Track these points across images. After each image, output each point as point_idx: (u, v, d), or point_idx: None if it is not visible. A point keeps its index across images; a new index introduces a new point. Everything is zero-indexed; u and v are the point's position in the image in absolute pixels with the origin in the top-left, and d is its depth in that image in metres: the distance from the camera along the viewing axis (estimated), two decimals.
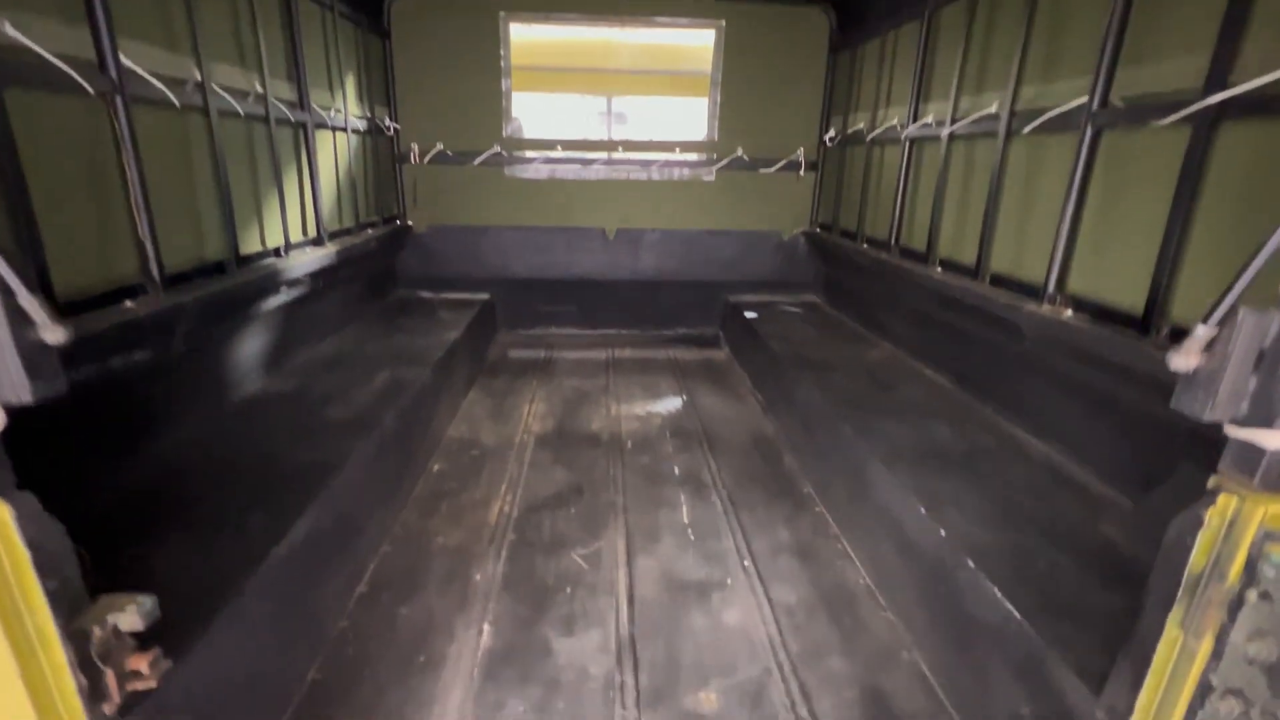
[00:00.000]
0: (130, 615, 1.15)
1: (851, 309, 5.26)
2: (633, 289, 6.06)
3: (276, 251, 3.52)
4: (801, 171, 5.80)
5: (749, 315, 5.36)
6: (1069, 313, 2.72)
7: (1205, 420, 1.09)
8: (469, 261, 5.80)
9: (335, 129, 4.32)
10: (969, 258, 3.48)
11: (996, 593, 1.90)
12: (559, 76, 6.24)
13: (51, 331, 0.97)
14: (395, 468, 3.15)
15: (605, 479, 3.53)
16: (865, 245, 4.82)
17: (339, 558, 2.46)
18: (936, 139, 3.83)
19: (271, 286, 3.32)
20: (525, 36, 5.60)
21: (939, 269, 3.78)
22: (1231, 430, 1.09)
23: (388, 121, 5.27)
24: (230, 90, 3.06)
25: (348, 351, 3.93)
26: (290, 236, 3.65)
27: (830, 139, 5.56)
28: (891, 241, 4.37)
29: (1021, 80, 3.10)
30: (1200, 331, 1.09)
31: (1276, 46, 1.95)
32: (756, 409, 4.56)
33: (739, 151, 5.70)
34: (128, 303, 2.37)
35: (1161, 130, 2.34)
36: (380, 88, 5.18)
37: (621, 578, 2.72)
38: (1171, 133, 2.29)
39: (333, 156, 4.31)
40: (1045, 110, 2.88)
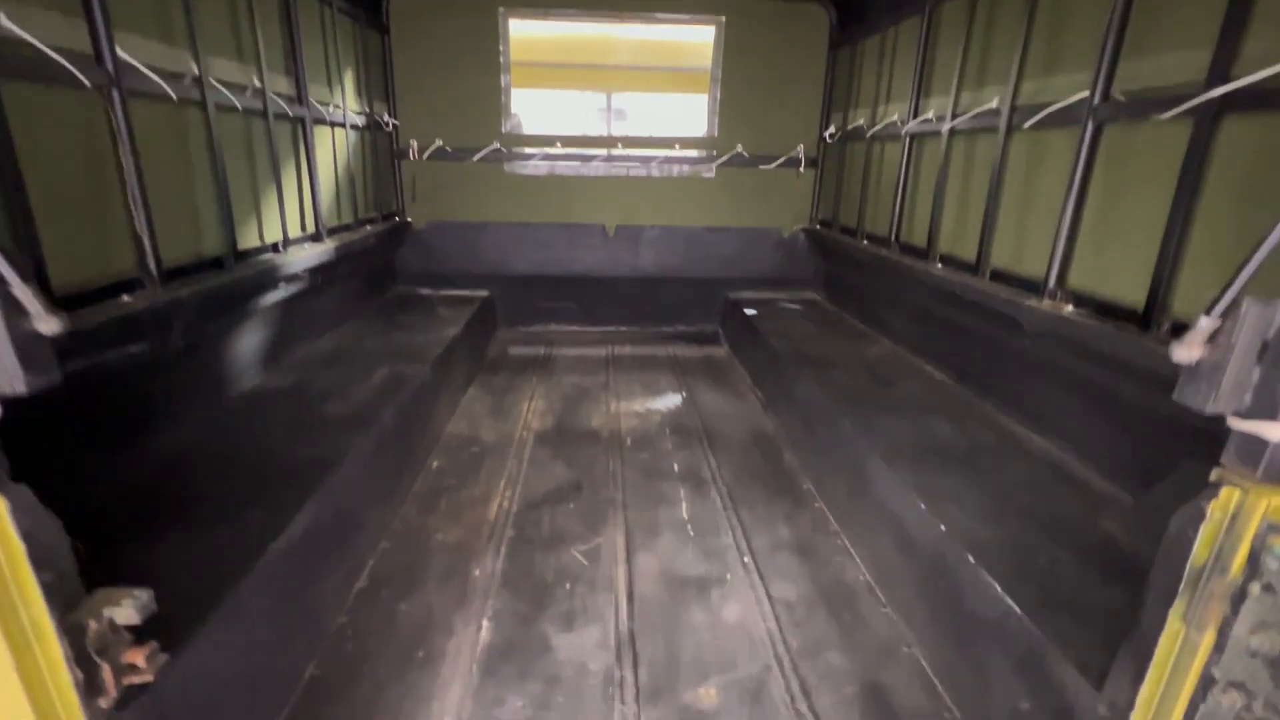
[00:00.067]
0: (126, 609, 1.14)
1: (851, 306, 5.25)
2: (632, 286, 6.05)
3: (275, 247, 3.51)
4: (801, 168, 5.79)
5: (749, 312, 5.35)
6: (1069, 308, 2.71)
7: (1208, 413, 1.09)
8: (468, 258, 5.79)
9: (334, 124, 4.30)
10: (969, 253, 3.47)
11: (997, 588, 1.90)
12: (558, 72, 6.22)
13: (46, 322, 0.96)
14: (394, 464, 3.14)
15: (605, 475, 3.52)
16: (865, 242, 4.80)
17: (338, 553, 2.45)
18: (937, 135, 3.82)
19: (270, 282, 3.31)
20: (525, 32, 5.58)
21: (939, 265, 3.77)
22: (1234, 422, 1.08)
23: (386, 117, 5.25)
24: (228, 84, 3.04)
25: (346, 348, 3.92)
26: (289, 232, 3.64)
27: (830, 135, 5.54)
28: (892, 238, 4.36)
29: (1023, 75, 3.08)
30: (1203, 323, 1.08)
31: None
32: (756, 406, 4.55)
33: (739, 148, 5.69)
34: (125, 297, 2.36)
35: (1163, 124, 2.33)
36: (379, 83, 5.16)
37: (621, 574, 2.71)
38: (1173, 127, 2.29)
39: (331, 152, 4.29)
40: (1046, 105, 2.87)
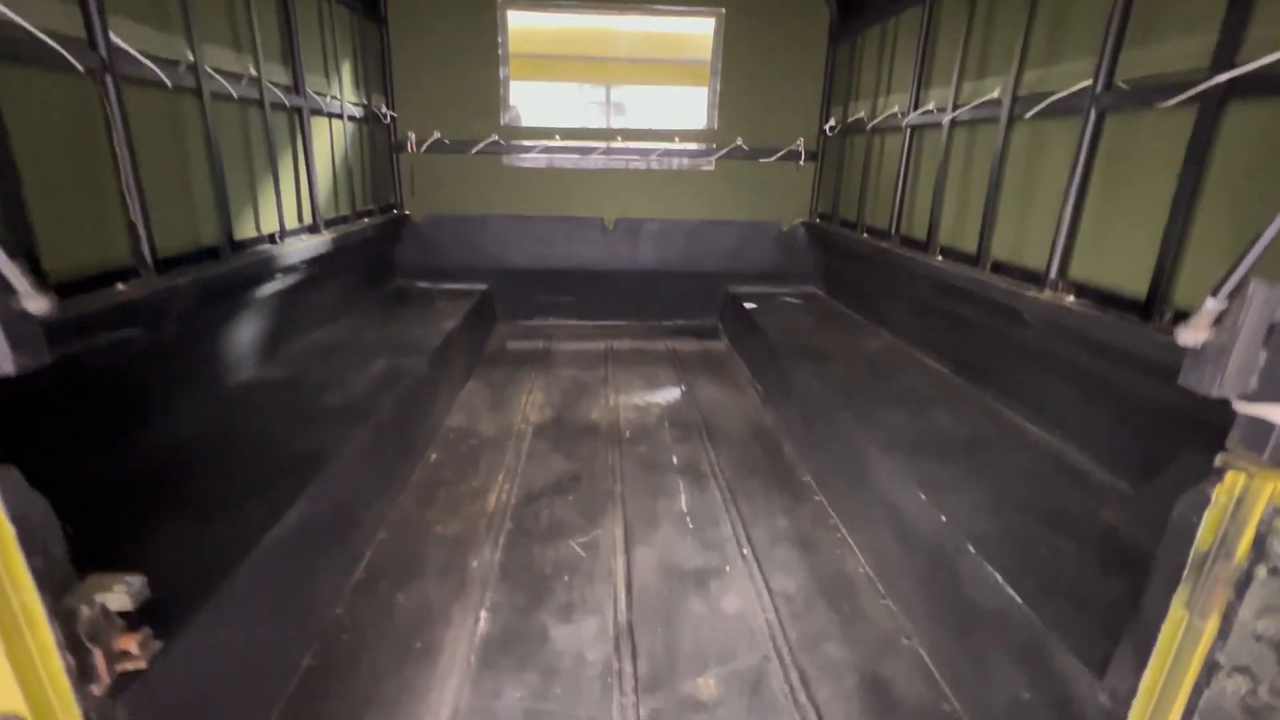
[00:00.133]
0: (119, 594, 1.13)
1: (851, 299, 5.24)
2: (632, 279, 6.03)
3: (271, 238, 3.49)
4: (801, 161, 5.76)
5: (748, 306, 5.34)
6: (1071, 298, 2.70)
7: (1213, 396, 1.07)
8: (467, 251, 5.76)
9: (331, 115, 4.28)
10: (970, 245, 3.46)
11: (998, 578, 1.89)
12: (557, 65, 6.20)
13: (34, 300, 0.94)
14: (392, 456, 3.12)
15: (604, 468, 3.51)
16: (865, 235, 4.79)
17: (335, 544, 2.44)
18: (938, 126, 3.80)
19: (266, 273, 3.30)
20: (523, 24, 5.55)
21: (939, 257, 3.75)
22: (1240, 406, 1.07)
23: (384, 109, 5.22)
24: (224, 73, 3.02)
25: (344, 340, 3.90)
26: (286, 223, 3.62)
27: (830, 128, 5.52)
28: (892, 230, 4.34)
29: (1024, 64, 3.06)
30: (1209, 305, 1.07)
31: None
32: (756, 399, 4.54)
33: (739, 141, 5.67)
34: (120, 285, 2.34)
35: (1166, 112, 2.31)
36: (377, 75, 5.13)
37: (620, 566, 2.70)
38: (1177, 114, 2.27)
39: (329, 143, 4.26)
40: (1048, 94, 2.85)
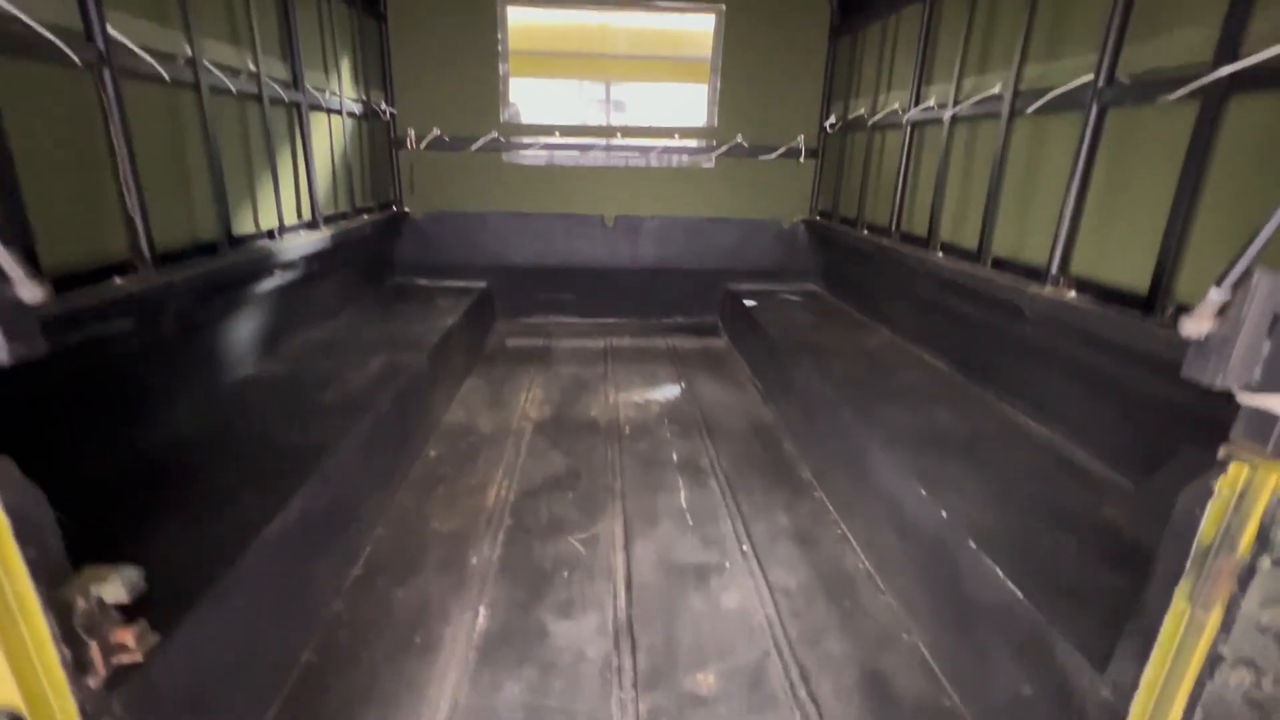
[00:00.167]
0: (114, 586, 1.12)
1: (851, 296, 5.23)
2: (632, 277, 6.02)
3: (270, 234, 3.48)
4: (802, 158, 5.75)
5: (748, 303, 5.33)
6: (1072, 294, 2.69)
7: (1217, 387, 1.07)
8: (466, 248, 5.75)
9: (330, 111, 4.26)
10: (971, 241, 3.45)
11: (999, 573, 1.88)
12: (557, 62, 6.19)
13: (28, 288, 0.93)
14: (391, 452, 3.12)
15: (603, 465, 3.50)
16: (865, 232, 4.77)
17: (333, 539, 2.43)
18: (938, 122, 3.79)
19: (265, 269, 3.28)
20: (523, 21, 5.54)
21: (940, 253, 3.74)
22: (1244, 397, 1.06)
23: (384, 105, 5.21)
24: (222, 67, 3.01)
25: (343, 336, 3.89)
26: (285, 219, 3.61)
27: (831, 125, 5.51)
28: (892, 227, 4.33)
29: (1025, 59, 3.05)
30: (1213, 295, 1.06)
31: None
32: (756, 396, 4.53)
33: (739, 138, 5.65)
34: (117, 279, 2.33)
35: (1169, 106, 2.30)
36: (376, 71, 5.12)
37: (619, 561, 2.70)
38: (1179, 108, 2.26)
39: (328, 139, 4.25)
40: (1050, 89, 2.84)
